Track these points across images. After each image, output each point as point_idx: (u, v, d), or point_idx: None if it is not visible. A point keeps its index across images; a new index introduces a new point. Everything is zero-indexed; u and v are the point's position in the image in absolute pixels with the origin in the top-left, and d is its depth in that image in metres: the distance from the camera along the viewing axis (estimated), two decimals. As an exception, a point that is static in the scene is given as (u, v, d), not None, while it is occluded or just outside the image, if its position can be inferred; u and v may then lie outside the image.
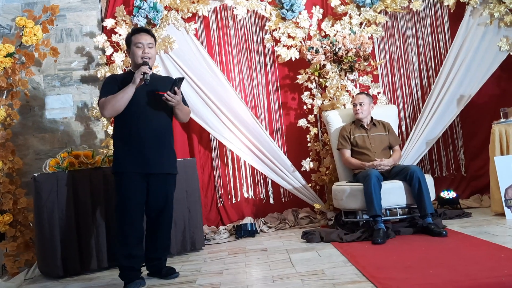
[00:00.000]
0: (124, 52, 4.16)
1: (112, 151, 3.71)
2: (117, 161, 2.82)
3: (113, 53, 4.16)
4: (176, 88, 2.75)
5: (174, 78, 2.84)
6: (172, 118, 2.97)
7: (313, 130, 4.38)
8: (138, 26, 4.14)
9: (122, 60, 4.15)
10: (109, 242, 3.38)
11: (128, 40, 2.89)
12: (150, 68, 2.77)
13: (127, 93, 2.71)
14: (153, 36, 2.92)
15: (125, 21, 4.18)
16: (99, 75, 4.15)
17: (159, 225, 2.93)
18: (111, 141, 4.06)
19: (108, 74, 4.12)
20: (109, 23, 4.18)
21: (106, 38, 4.18)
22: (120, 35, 4.16)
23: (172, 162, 2.93)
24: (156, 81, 2.86)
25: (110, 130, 4.16)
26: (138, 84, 2.71)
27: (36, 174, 3.33)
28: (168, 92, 2.73)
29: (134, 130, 2.78)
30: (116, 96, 2.71)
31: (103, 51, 4.23)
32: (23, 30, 3.93)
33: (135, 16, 4.13)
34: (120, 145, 2.83)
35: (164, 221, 2.95)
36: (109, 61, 4.19)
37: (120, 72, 4.10)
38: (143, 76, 2.70)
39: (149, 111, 2.80)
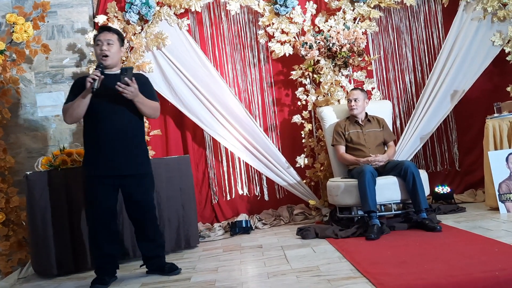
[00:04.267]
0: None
1: None
2: (85, 165, 2.80)
3: (105, 49, 4.12)
4: (126, 79, 2.60)
5: (121, 68, 2.68)
6: (142, 118, 2.86)
7: (308, 126, 4.37)
8: (131, 22, 4.11)
9: (115, 57, 4.11)
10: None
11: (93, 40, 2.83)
12: (103, 73, 2.65)
13: (82, 101, 2.65)
14: (116, 33, 2.82)
15: (117, 17, 4.14)
16: (91, 72, 4.09)
17: (144, 226, 2.90)
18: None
19: (100, 71, 4.09)
20: (101, 19, 4.13)
21: (98, 34, 4.13)
22: (112, 31, 4.12)
23: (143, 161, 2.85)
24: (118, 79, 2.69)
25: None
26: (88, 91, 2.62)
27: (28, 173, 3.30)
28: (119, 83, 2.60)
29: (98, 132, 2.72)
30: (73, 104, 2.68)
31: (95, 48, 4.18)
32: (13, 27, 3.89)
33: (127, 12, 4.08)
34: (87, 148, 2.81)
35: (148, 222, 2.89)
36: (101, 58, 4.15)
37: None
38: (92, 84, 2.59)
39: (112, 111, 2.72)
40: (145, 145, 2.92)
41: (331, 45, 4.17)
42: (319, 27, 4.36)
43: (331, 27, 4.28)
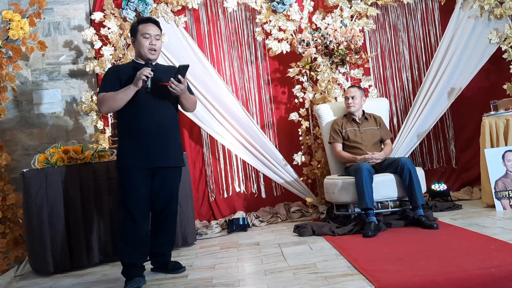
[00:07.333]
0: (113, 45, 4.11)
1: (103, 146, 3.69)
2: (121, 157, 2.76)
3: (102, 46, 4.11)
4: (180, 76, 2.65)
5: (178, 65, 2.73)
6: (178, 110, 2.90)
7: (305, 124, 4.37)
8: (127, 19, 4.10)
9: (111, 54, 4.10)
10: (100, 237, 3.36)
11: (135, 29, 2.78)
12: (153, 70, 2.66)
13: (126, 95, 2.64)
14: (160, 28, 2.83)
15: (113, 14, 4.12)
16: (87, 69, 4.10)
17: (164, 219, 2.88)
18: (101, 136, 4.03)
19: (97, 68, 4.08)
20: (97, 16, 4.13)
21: (94, 31, 4.12)
22: (108, 28, 4.11)
23: (177, 155, 2.85)
24: (160, 71, 2.76)
25: (100, 125, 4.12)
26: (139, 88, 2.63)
27: (24, 170, 3.29)
28: (172, 79, 2.64)
29: (136, 125, 2.71)
30: (115, 96, 2.65)
31: (92, 45, 4.18)
32: (9, 24, 3.87)
33: (124, 9, 4.07)
34: (123, 140, 2.77)
35: (169, 216, 2.89)
36: (98, 55, 4.14)
37: (108, 66, 4.05)
38: (145, 83, 2.61)
39: (152, 104, 2.72)
40: (179, 137, 2.91)
41: (328, 42, 4.17)
42: (316, 25, 4.36)
43: (328, 24, 4.28)
